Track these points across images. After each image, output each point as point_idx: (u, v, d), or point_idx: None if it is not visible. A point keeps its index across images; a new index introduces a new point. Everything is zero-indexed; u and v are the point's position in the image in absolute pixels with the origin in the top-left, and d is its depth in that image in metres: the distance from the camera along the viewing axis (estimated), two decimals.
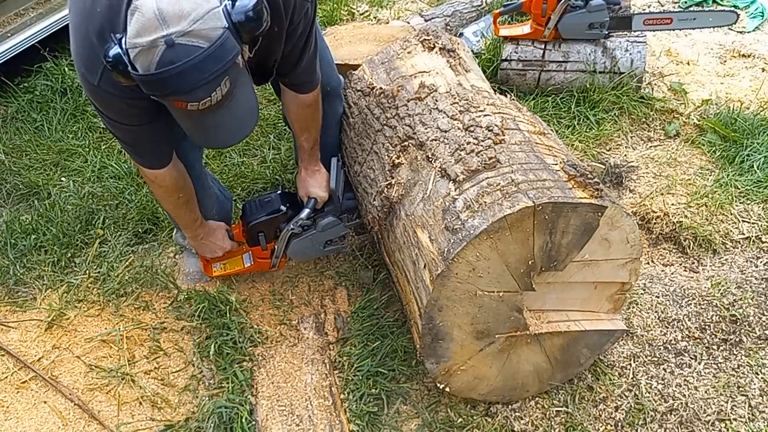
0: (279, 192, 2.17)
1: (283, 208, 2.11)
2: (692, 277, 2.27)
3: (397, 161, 1.87)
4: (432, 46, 2.25)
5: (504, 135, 1.70)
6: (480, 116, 1.78)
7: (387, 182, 1.87)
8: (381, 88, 2.11)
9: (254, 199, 2.17)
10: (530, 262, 1.57)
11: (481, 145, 1.66)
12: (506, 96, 2.04)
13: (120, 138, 1.75)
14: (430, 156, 1.75)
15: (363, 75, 2.28)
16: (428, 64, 2.17)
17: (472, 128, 1.73)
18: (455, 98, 1.89)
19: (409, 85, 2.06)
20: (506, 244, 1.51)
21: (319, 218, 2.14)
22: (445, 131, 1.77)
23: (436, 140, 1.77)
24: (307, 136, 2.04)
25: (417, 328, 1.70)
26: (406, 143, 1.88)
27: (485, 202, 1.52)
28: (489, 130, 1.70)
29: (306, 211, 2.08)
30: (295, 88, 1.91)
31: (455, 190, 1.61)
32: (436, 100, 1.91)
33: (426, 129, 1.84)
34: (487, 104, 1.86)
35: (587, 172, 1.59)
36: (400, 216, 1.81)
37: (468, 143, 1.68)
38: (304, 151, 2.07)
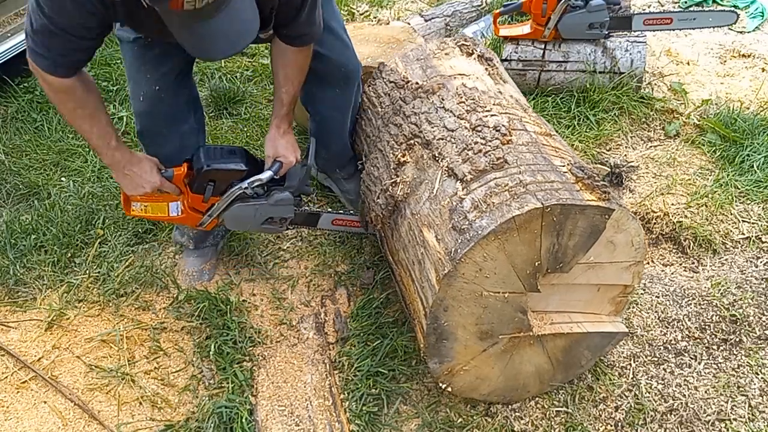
0: (243, 148, 2.00)
1: (244, 164, 1.93)
2: (692, 277, 2.27)
3: (402, 159, 1.87)
4: (471, 51, 2.24)
5: (511, 135, 1.71)
6: (487, 116, 1.78)
7: (392, 180, 1.87)
8: (417, 83, 2.08)
9: (215, 146, 1.96)
10: (536, 264, 1.57)
11: (489, 145, 1.66)
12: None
13: (37, 29, 1.58)
14: (436, 155, 1.75)
15: (396, 68, 2.24)
16: (467, 69, 2.15)
17: (479, 128, 1.73)
18: (461, 97, 1.89)
19: (450, 85, 2.03)
20: (513, 245, 1.51)
21: (275, 191, 1.98)
22: (452, 130, 1.77)
23: (442, 139, 1.77)
24: (288, 89, 1.94)
25: (421, 328, 1.70)
26: (411, 141, 1.88)
27: (493, 202, 1.52)
28: (496, 131, 1.71)
29: (268, 173, 1.92)
30: (291, 41, 1.85)
31: (463, 189, 1.61)
32: (443, 99, 1.91)
33: (432, 128, 1.84)
34: (494, 104, 1.86)
35: (595, 175, 1.59)
36: (405, 215, 1.81)
37: (475, 143, 1.68)
38: (280, 107, 1.97)
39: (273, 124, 2.00)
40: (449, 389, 1.81)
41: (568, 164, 1.63)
